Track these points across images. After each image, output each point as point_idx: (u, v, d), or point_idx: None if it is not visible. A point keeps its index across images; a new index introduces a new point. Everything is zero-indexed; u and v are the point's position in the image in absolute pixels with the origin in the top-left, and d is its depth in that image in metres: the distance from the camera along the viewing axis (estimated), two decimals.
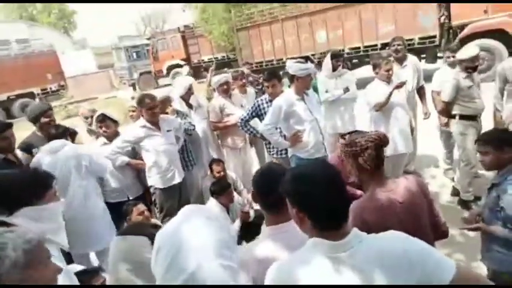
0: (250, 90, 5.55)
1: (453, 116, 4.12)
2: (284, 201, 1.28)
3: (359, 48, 11.55)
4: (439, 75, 4.63)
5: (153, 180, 3.69)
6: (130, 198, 3.68)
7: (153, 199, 3.79)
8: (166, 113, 3.96)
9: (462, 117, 4.02)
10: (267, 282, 1.18)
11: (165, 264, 1.01)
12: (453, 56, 4.48)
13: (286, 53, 12.86)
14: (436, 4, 10.10)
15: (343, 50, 11.62)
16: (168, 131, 3.68)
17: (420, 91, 5.05)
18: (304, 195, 1.17)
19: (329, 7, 11.89)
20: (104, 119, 3.68)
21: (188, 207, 1.17)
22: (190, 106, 4.62)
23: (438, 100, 4.56)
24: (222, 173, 4.22)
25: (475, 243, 3.25)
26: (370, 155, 1.72)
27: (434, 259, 1.12)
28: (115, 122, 3.77)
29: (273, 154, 4.23)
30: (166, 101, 4.03)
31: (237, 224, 3.67)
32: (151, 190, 3.76)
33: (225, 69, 11.94)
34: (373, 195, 1.79)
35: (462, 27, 9.72)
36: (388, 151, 3.10)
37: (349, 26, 11.52)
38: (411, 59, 5.03)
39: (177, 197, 3.77)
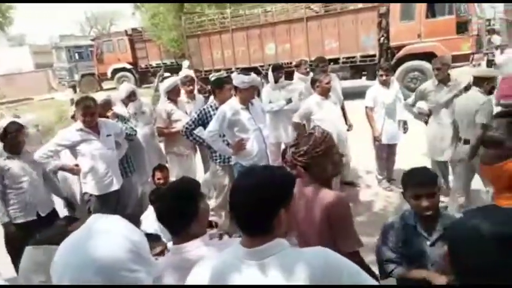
0: (199, 96, 5.50)
1: None
2: (190, 218, 1.36)
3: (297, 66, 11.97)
4: (370, 92, 4.93)
5: (89, 186, 3.51)
6: (42, 215, 3.33)
7: (87, 207, 3.58)
8: (107, 117, 3.80)
9: None
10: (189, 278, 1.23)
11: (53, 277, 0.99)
12: (386, 75, 4.81)
13: (235, 63, 12.97)
14: (376, 26, 10.80)
15: (290, 63, 12.01)
16: (107, 135, 3.52)
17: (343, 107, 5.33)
18: (230, 199, 1.19)
19: (278, 21, 12.27)
20: None
21: (94, 219, 1.10)
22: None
23: (371, 115, 4.88)
24: (163, 180, 4.11)
25: None
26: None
27: (350, 279, 1.10)
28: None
29: (217, 161, 4.20)
30: (107, 104, 3.85)
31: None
32: (86, 197, 3.56)
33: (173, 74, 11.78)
34: (301, 190, 1.87)
35: (399, 48, 10.50)
36: None
37: (297, 41, 11.95)
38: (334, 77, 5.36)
39: (113, 205, 3.60)
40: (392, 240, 2.03)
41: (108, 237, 1.01)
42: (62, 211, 3.68)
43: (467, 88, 3.97)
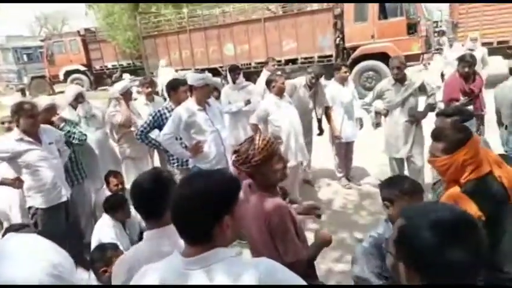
0: (158, 98, 5.36)
1: None
2: (156, 208, 1.39)
3: (264, 63, 12.05)
4: (328, 92, 5.01)
5: (34, 200, 3.24)
6: None
7: (33, 221, 3.30)
8: (52, 122, 3.56)
9: None
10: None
11: None
12: (348, 72, 4.97)
13: (194, 64, 12.81)
14: (332, 27, 11.06)
15: (250, 64, 12.03)
16: (50, 143, 3.26)
17: None
18: (171, 206, 1.16)
19: (236, 22, 12.26)
20: None
21: (6, 239, 1.01)
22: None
23: (330, 114, 4.97)
24: (119, 186, 3.95)
25: None
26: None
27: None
28: None
29: (174, 165, 4.10)
30: (52, 108, 3.59)
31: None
32: (32, 211, 3.29)
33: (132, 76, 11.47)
34: (249, 196, 1.87)
35: (354, 48, 10.82)
36: None
37: (255, 42, 11.98)
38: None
39: (63, 217, 3.38)
40: (373, 265, 1.85)
41: (23, 260, 0.91)
42: None
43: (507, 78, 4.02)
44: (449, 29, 10.95)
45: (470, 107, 4.40)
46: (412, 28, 10.20)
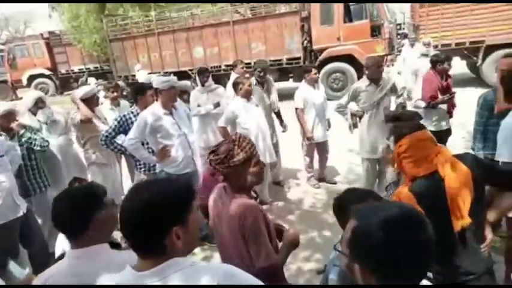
0: (125, 102, 5.28)
1: None
2: (73, 228, 1.38)
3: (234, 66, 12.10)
4: (300, 94, 5.08)
5: None
6: None
7: None
8: (11, 129, 3.43)
9: None
10: None
11: None
12: (315, 74, 5.05)
13: (163, 67, 12.67)
14: (299, 29, 11.25)
15: (219, 66, 12.03)
16: (1, 156, 3.08)
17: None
18: (119, 218, 1.12)
19: (205, 25, 12.24)
20: None
21: None
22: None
23: (301, 116, 5.04)
24: None
25: (330, 243, 3.66)
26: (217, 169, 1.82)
27: None
28: None
29: (141, 170, 4.06)
30: (10, 114, 3.45)
31: None
32: None
33: (100, 80, 11.17)
34: (218, 194, 1.91)
35: (321, 51, 11.07)
36: None
37: (225, 44, 12.00)
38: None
39: (17, 232, 3.22)
40: None
41: None
42: None
43: None
44: (410, 31, 11.36)
45: (444, 106, 4.59)
46: (375, 30, 10.55)
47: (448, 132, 4.77)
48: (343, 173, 5.55)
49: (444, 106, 4.61)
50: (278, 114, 5.38)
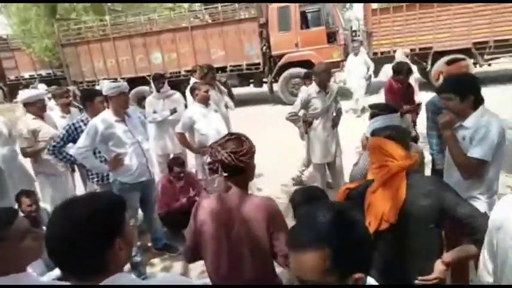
0: (74, 110, 5.07)
1: None
2: None
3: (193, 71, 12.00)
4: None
5: None
6: None
7: None
8: None
9: None
10: None
11: None
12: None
13: (120, 73, 12.32)
14: (258, 35, 11.36)
15: (179, 72, 11.87)
16: None
17: None
18: (46, 245, 1.04)
19: (163, 30, 12.06)
20: None
21: None
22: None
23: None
24: (33, 207, 3.65)
25: None
26: (220, 166, 1.77)
27: None
28: None
29: (93, 180, 3.89)
30: None
31: (55, 273, 3.19)
32: None
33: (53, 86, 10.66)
34: (220, 197, 1.83)
35: (280, 56, 11.23)
36: None
37: (184, 50, 11.87)
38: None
39: None
40: None
41: None
42: None
43: None
44: (364, 38, 11.81)
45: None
46: (332, 37, 10.87)
47: (415, 140, 4.94)
48: (304, 177, 5.63)
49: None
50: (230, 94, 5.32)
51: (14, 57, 16.62)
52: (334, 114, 4.48)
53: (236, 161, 1.71)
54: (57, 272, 2.38)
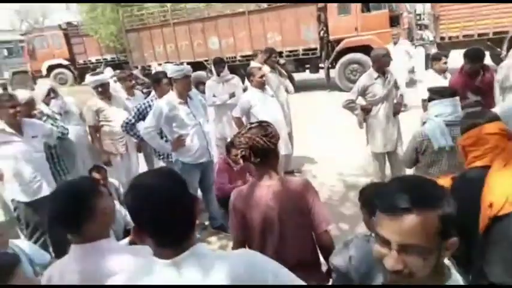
0: (138, 92, 5.34)
1: None
2: (85, 216, 1.31)
3: (250, 56, 12.02)
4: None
5: (14, 193, 3.22)
6: None
7: (16, 214, 3.32)
8: (32, 116, 3.51)
9: None
10: None
11: None
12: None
13: (179, 57, 12.69)
14: (316, 20, 11.08)
15: (235, 57, 11.99)
16: (33, 136, 3.24)
17: None
18: (137, 210, 1.07)
19: (220, 15, 12.17)
20: None
21: None
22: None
23: None
24: (102, 182, 3.93)
25: (348, 235, 3.63)
26: (251, 152, 1.80)
27: (274, 281, 1.08)
28: None
29: (160, 157, 4.14)
30: (32, 102, 3.54)
31: (125, 241, 3.40)
32: (13, 204, 3.28)
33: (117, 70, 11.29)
34: (250, 185, 1.90)
35: (338, 41, 10.88)
36: None
37: (240, 35, 11.92)
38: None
39: (46, 211, 3.35)
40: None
41: None
42: None
43: None
44: (431, 22, 11.07)
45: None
46: (394, 20, 10.31)
47: None
48: (360, 165, 5.48)
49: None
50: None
51: (83, 42, 17.83)
52: (395, 101, 4.27)
53: (268, 144, 1.76)
54: (126, 240, 2.54)
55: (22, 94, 3.45)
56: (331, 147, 6.08)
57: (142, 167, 5.11)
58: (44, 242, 3.31)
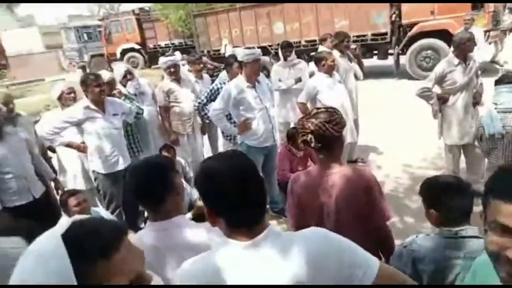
0: (206, 76, 5.49)
1: None
2: (162, 198, 1.36)
3: (315, 41, 11.76)
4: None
5: (95, 165, 3.53)
6: (37, 197, 3.15)
7: (95, 184, 3.63)
8: (113, 96, 3.78)
9: None
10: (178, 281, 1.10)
11: None
12: None
13: (244, 42, 12.79)
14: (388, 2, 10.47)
15: (299, 42, 11.81)
16: (114, 114, 3.50)
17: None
18: (211, 192, 1.07)
19: None
20: None
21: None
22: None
23: None
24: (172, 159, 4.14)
25: (412, 229, 3.48)
26: (313, 137, 1.78)
27: (351, 258, 1.06)
28: None
29: (227, 138, 4.36)
30: (112, 82, 3.82)
31: (188, 216, 3.58)
32: (94, 175, 3.60)
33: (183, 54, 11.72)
34: (310, 171, 1.90)
35: (411, 26, 10.20)
36: None
37: (306, 19, 11.69)
38: None
39: (121, 184, 3.63)
40: None
41: None
42: None
43: None
44: None
45: None
46: (476, 3, 9.40)
47: None
48: (430, 157, 5.17)
49: None
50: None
51: (154, 27, 18.64)
52: (475, 90, 3.93)
53: (330, 130, 1.72)
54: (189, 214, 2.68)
55: (105, 74, 3.72)
56: (398, 138, 5.80)
57: (206, 148, 5.30)
58: (119, 213, 3.58)
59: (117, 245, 0.73)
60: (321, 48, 5.58)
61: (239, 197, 1.03)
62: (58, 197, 3.24)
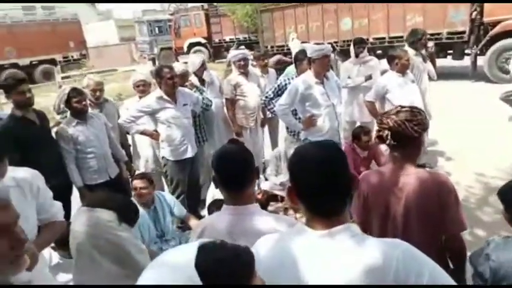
0: (272, 70, 5.52)
1: None
2: (243, 183, 1.41)
3: (384, 38, 11.28)
4: None
5: (165, 152, 3.70)
6: (112, 177, 3.46)
7: (164, 170, 3.83)
8: (185, 87, 3.95)
9: None
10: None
11: None
12: None
13: (309, 39, 12.63)
14: None
15: (367, 39, 11.39)
16: (184, 104, 3.65)
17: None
18: (296, 174, 1.10)
19: None
20: None
21: None
22: (203, 82, 4.55)
23: None
24: None
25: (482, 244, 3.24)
26: (390, 134, 1.73)
27: (427, 276, 0.98)
28: None
29: (291, 133, 4.34)
30: (185, 74, 3.99)
31: None
32: (163, 161, 3.78)
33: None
34: (382, 170, 1.84)
35: (494, 24, 9.38)
36: None
37: (375, 16, 11.24)
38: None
39: (187, 171, 3.79)
40: None
41: None
42: None
43: None
44: None
45: None
46: None
47: None
48: (505, 167, 4.75)
49: None
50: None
51: (220, 22, 19.17)
52: None
53: (409, 130, 1.66)
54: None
55: (178, 66, 3.90)
56: (470, 144, 5.39)
57: (266, 142, 5.34)
58: (183, 199, 3.75)
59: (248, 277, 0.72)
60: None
61: (325, 185, 1.04)
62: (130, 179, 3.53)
